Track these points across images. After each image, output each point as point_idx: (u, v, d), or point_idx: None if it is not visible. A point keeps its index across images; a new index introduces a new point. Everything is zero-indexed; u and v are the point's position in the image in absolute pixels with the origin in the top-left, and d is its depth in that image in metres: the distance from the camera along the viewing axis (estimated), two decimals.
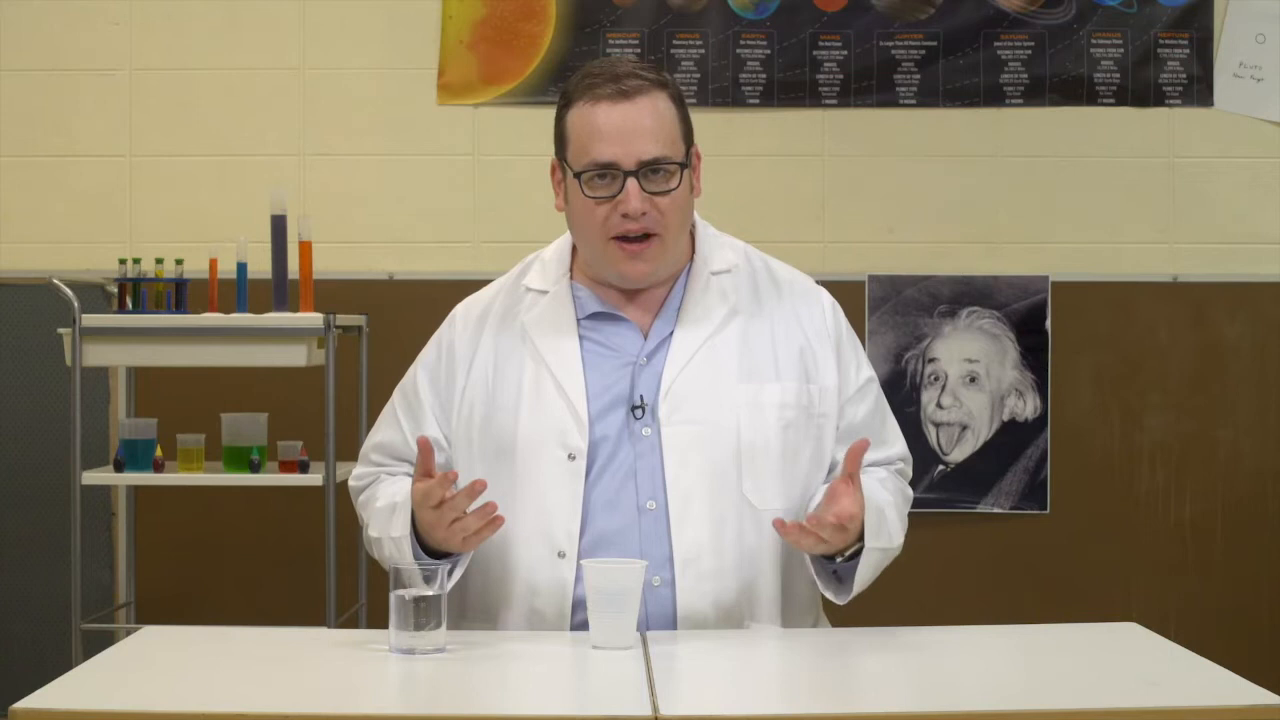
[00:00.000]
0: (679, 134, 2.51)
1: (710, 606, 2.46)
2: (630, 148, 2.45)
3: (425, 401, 2.59)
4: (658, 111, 2.48)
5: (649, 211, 2.46)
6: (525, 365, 2.54)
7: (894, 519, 2.52)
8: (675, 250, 2.55)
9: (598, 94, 2.47)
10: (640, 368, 2.53)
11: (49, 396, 4.47)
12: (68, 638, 4.02)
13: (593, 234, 2.50)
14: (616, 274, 2.53)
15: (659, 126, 2.47)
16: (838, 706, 2.08)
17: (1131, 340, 4.59)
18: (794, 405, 2.53)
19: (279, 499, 4.26)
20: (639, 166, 2.45)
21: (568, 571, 2.45)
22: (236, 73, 4.61)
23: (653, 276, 2.54)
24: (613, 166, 2.46)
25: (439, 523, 2.39)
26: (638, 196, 2.45)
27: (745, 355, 2.54)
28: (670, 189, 2.48)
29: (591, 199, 2.47)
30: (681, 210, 2.51)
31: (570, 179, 2.51)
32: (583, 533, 2.46)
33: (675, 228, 2.51)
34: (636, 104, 2.46)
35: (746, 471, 2.49)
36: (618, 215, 2.46)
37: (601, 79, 2.48)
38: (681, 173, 2.49)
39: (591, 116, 2.47)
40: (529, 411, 2.51)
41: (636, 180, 2.45)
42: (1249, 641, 4.45)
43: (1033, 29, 4.59)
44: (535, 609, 2.47)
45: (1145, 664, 2.27)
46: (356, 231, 4.58)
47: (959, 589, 4.52)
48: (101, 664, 2.26)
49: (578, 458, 2.47)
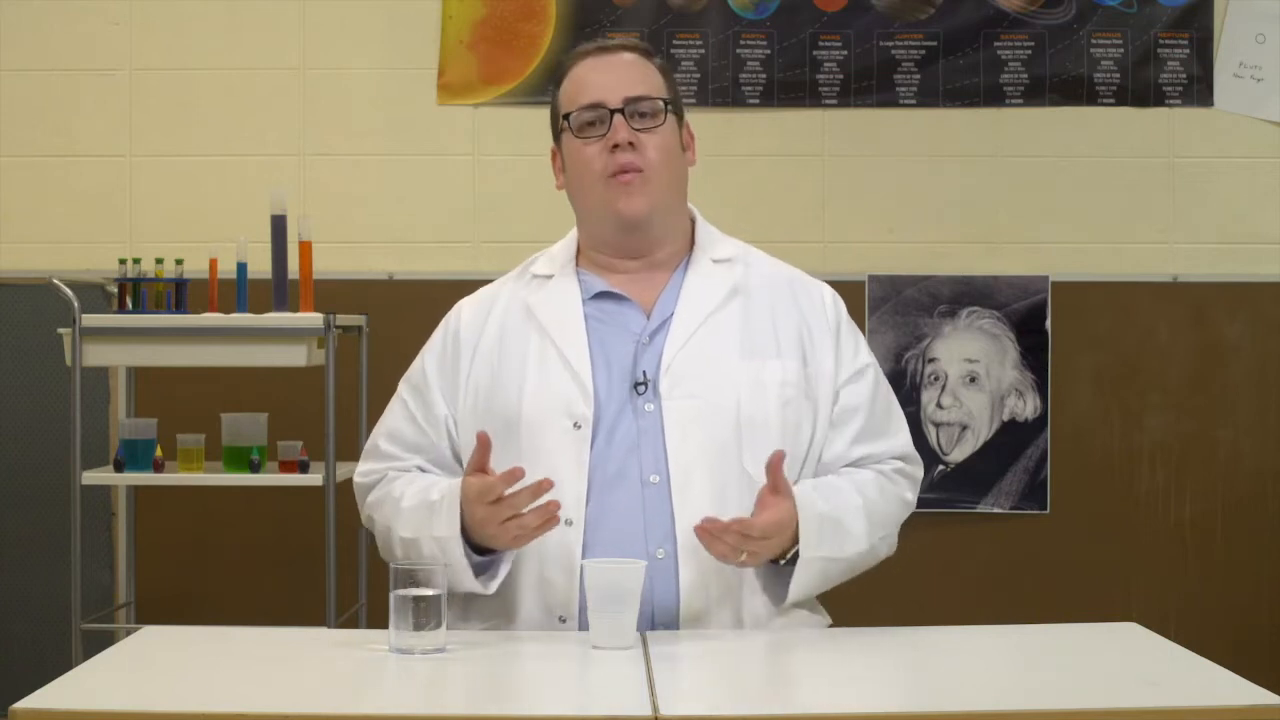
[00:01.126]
0: (663, 86, 2.62)
1: (713, 578, 2.47)
2: (615, 89, 2.58)
3: (433, 383, 2.62)
4: (640, 64, 2.62)
5: (637, 144, 2.56)
6: (530, 340, 2.58)
7: (855, 525, 2.52)
8: (667, 194, 2.60)
9: (583, 53, 2.64)
10: (643, 345, 2.56)
11: (49, 396, 4.47)
12: (68, 638, 4.02)
13: (588, 179, 2.58)
14: (614, 216, 2.58)
15: (643, 74, 2.61)
16: (837, 706, 2.08)
17: (1131, 340, 4.59)
18: (794, 384, 2.56)
19: (279, 499, 4.25)
20: (624, 103, 2.56)
21: (575, 539, 2.46)
22: (236, 73, 4.61)
23: (648, 217, 2.58)
24: (599, 105, 2.57)
25: (492, 519, 2.39)
26: (624, 128, 2.56)
27: (746, 333, 2.58)
28: (656, 125, 2.58)
29: (582, 140, 2.57)
30: (668, 153, 2.59)
31: (566, 142, 2.61)
32: (588, 503, 2.47)
33: (662, 167, 2.58)
34: (620, 55, 2.63)
35: (747, 446, 2.51)
36: (608, 152, 2.56)
37: (586, 45, 2.67)
38: (667, 112, 2.59)
39: (578, 73, 2.62)
40: (534, 383, 2.54)
41: (623, 116, 2.56)
42: (1249, 641, 4.45)
43: (1033, 29, 4.59)
44: (545, 577, 2.48)
45: (1145, 664, 2.27)
46: (356, 231, 4.58)
47: (959, 589, 4.52)
48: (101, 664, 2.26)
49: (583, 426, 2.50)
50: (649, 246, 2.61)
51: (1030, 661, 2.31)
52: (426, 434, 2.60)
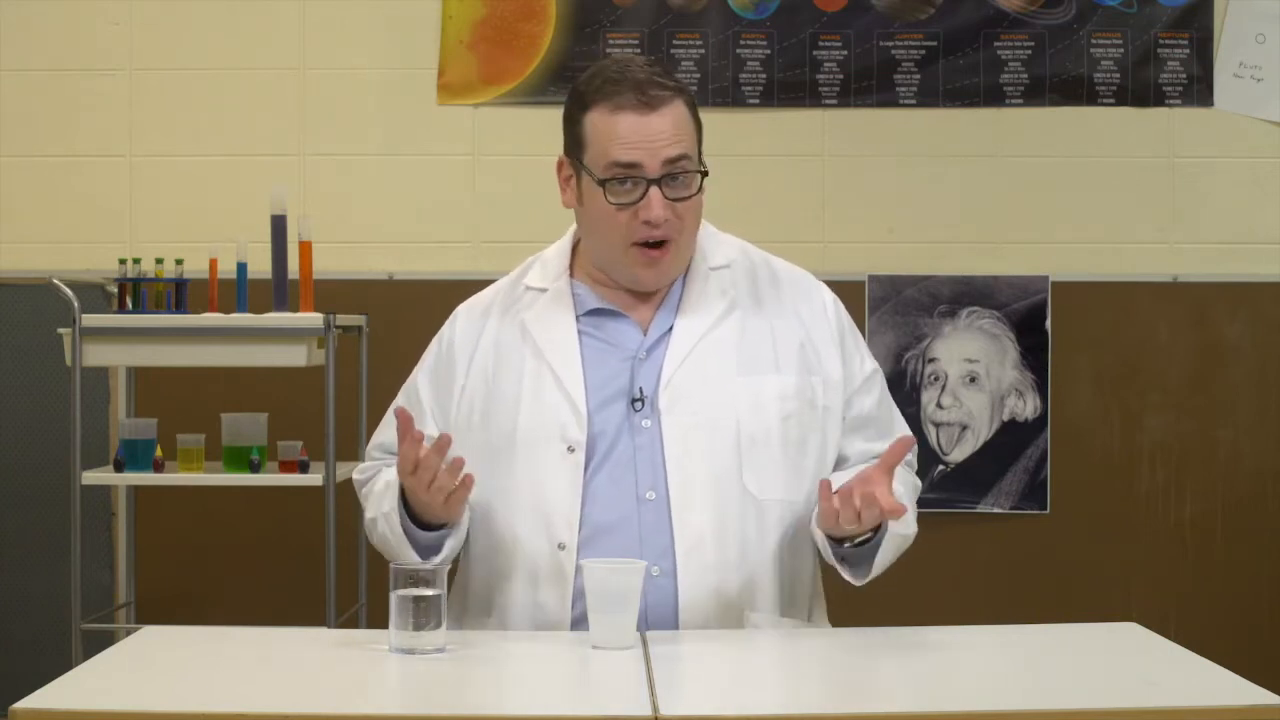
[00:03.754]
0: (696, 142, 2.54)
1: (711, 596, 2.47)
2: (654, 154, 2.48)
3: (425, 403, 2.62)
4: (679, 119, 2.51)
5: (670, 219, 2.50)
6: (525, 360, 2.57)
7: (911, 508, 2.55)
8: (688, 254, 2.59)
9: (620, 102, 2.49)
10: (640, 362, 2.55)
11: (49, 396, 4.47)
12: (68, 638, 4.02)
13: (613, 239, 2.53)
14: (632, 278, 2.56)
15: (680, 133, 2.51)
16: (838, 706, 2.08)
17: (1131, 340, 4.59)
18: (794, 398, 2.55)
19: (279, 499, 4.25)
20: (663, 172, 2.48)
21: (568, 563, 2.46)
22: (236, 73, 4.61)
23: (666, 280, 2.57)
24: (637, 171, 2.48)
25: (419, 486, 2.41)
26: (660, 204, 2.48)
27: (745, 348, 2.56)
28: (690, 194, 2.51)
29: (614, 204, 2.50)
30: (698, 216, 2.56)
31: (588, 183, 2.52)
32: (581, 525, 2.47)
33: (691, 232, 2.56)
34: (660, 114, 2.49)
35: (747, 463, 2.50)
36: (639, 222, 2.49)
37: (624, 86, 2.50)
38: (700, 179, 2.52)
39: (614, 124, 2.49)
40: (528, 406, 2.53)
41: (659, 188, 2.48)
42: (1249, 641, 4.45)
43: (1033, 29, 4.59)
44: (537, 601, 2.48)
45: (1145, 664, 2.27)
46: (356, 231, 4.58)
47: (959, 589, 4.52)
48: (101, 664, 2.26)
49: (577, 450, 2.49)
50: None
51: (1030, 661, 2.31)
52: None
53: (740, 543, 2.49)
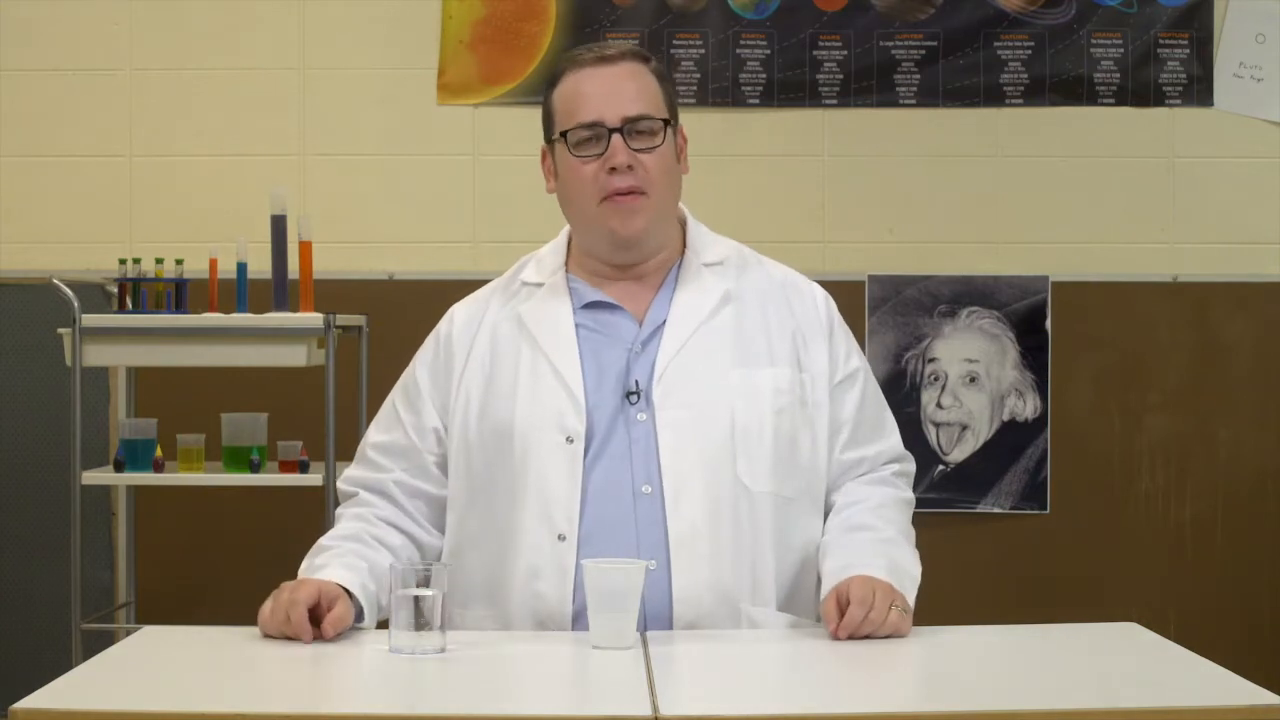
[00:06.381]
0: (661, 100, 2.57)
1: (706, 589, 2.46)
2: (613, 106, 2.53)
3: (424, 392, 2.62)
4: (638, 75, 2.57)
5: (635, 168, 2.52)
6: (522, 352, 2.57)
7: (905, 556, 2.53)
8: (664, 212, 2.59)
9: (580, 61, 2.58)
10: (635, 354, 2.55)
11: (49, 396, 4.47)
12: (68, 638, 4.02)
13: (583, 198, 2.55)
14: (609, 234, 2.56)
15: (641, 88, 2.55)
16: (838, 706, 2.08)
17: (1131, 340, 4.59)
18: (787, 391, 2.55)
19: (279, 499, 4.25)
20: (623, 123, 2.52)
21: (568, 554, 2.46)
22: (236, 73, 4.61)
23: (644, 237, 2.57)
24: (598, 124, 2.52)
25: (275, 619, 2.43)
26: (623, 150, 2.52)
27: (739, 341, 2.57)
28: (655, 145, 2.54)
29: (578, 159, 2.54)
30: (667, 172, 2.56)
31: (561, 154, 2.57)
32: (582, 517, 2.48)
33: (662, 187, 2.56)
34: (618, 66, 2.56)
35: (741, 454, 2.50)
36: (605, 173, 2.52)
37: (584, 53, 2.59)
38: (665, 131, 2.55)
39: (575, 84, 2.56)
40: (526, 397, 2.54)
41: (621, 136, 2.52)
42: (1249, 641, 4.45)
43: (1033, 29, 4.59)
44: (537, 592, 2.48)
45: (1145, 664, 2.27)
46: (356, 231, 4.58)
47: (959, 589, 4.51)
48: (101, 664, 2.26)
49: (576, 441, 2.49)
50: (642, 260, 2.61)
51: (1030, 661, 2.31)
52: (414, 443, 2.61)
53: (735, 535, 2.49)
